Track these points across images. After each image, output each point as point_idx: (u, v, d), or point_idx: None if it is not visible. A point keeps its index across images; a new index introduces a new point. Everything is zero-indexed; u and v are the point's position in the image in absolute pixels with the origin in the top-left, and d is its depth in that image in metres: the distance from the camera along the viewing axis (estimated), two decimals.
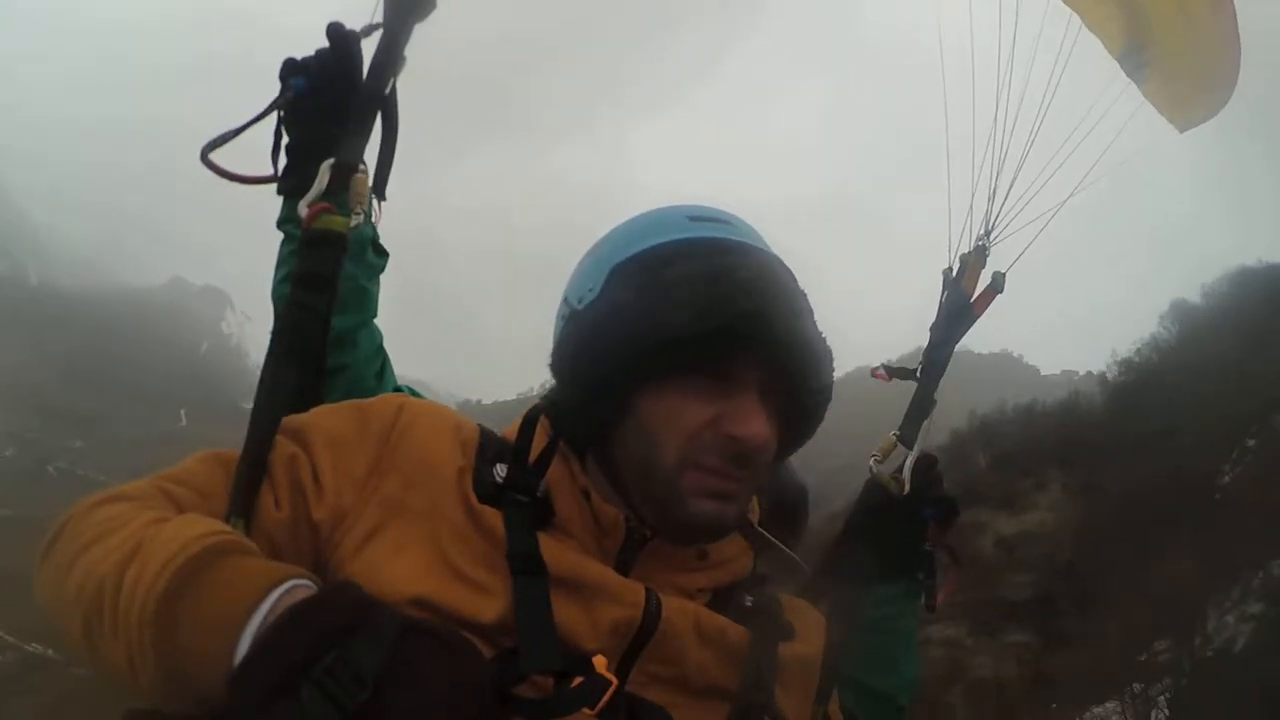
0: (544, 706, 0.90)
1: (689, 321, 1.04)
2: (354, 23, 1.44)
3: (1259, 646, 13.84)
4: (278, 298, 1.54)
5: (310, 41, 1.47)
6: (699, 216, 1.20)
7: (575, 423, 1.14)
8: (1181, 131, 2.37)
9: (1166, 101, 2.30)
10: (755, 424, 1.07)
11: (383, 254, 1.68)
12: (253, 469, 1.05)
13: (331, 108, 1.39)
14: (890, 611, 1.81)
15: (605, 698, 0.92)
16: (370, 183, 1.38)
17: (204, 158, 1.32)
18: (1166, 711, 14.32)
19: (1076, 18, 2.14)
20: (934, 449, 1.92)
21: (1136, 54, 2.25)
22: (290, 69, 1.43)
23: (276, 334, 1.23)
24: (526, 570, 1.02)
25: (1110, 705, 15.02)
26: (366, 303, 1.65)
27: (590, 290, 1.16)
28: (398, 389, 1.69)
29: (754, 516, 1.28)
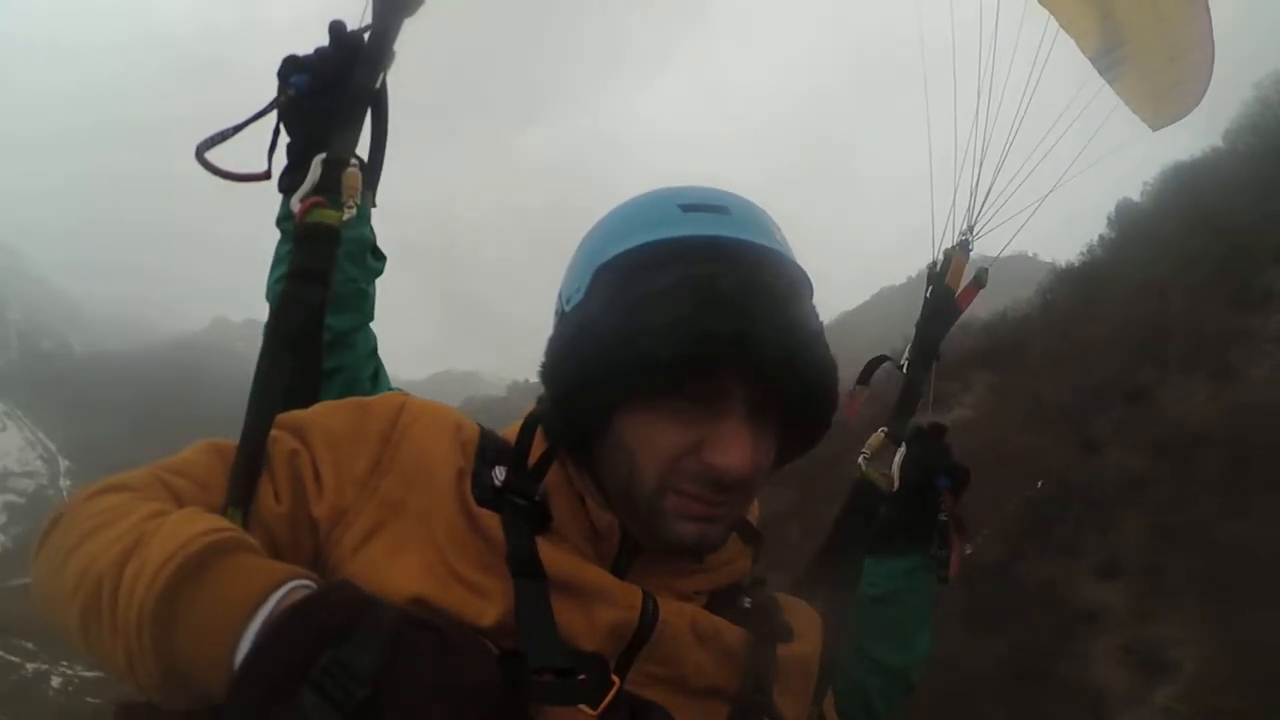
0: (549, 691, 0.91)
1: (665, 346, 0.99)
2: (347, 22, 1.45)
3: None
4: (274, 296, 1.52)
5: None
6: (692, 204, 1.12)
7: (559, 430, 1.11)
8: (1154, 129, 2.38)
9: (1139, 99, 2.33)
10: (735, 454, 1.02)
11: (381, 258, 1.70)
12: (250, 460, 1.04)
13: (334, 106, 1.39)
14: (905, 584, 1.79)
15: (609, 697, 0.93)
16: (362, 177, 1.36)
17: (199, 156, 1.32)
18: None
19: (1051, 18, 2.16)
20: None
21: (1109, 53, 2.26)
22: (291, 67, 1.44)
23: (272, 326, 1.22)
24: (526, 573, 1.01)
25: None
26: (365, 305, 1.67)
27: (577, 291, 1.13)
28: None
29: (754, 515, 1.25)
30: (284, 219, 1.58)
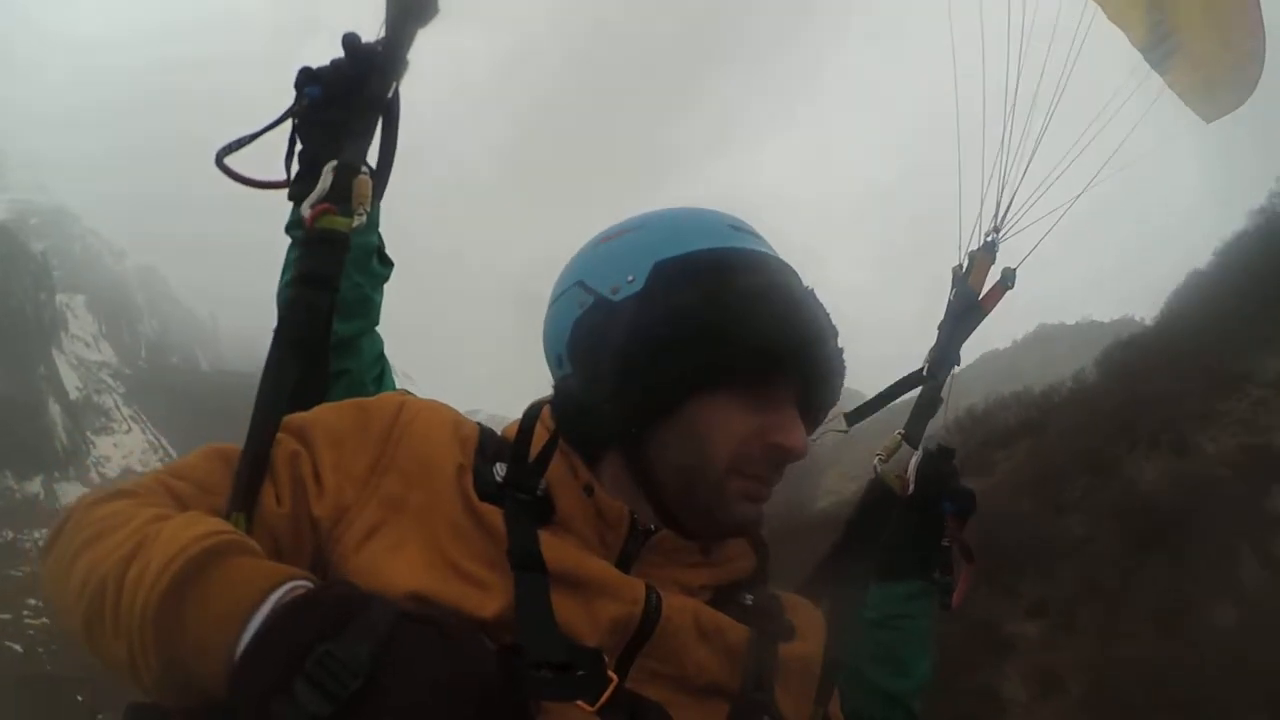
0: (546, 685, 0.91)
1: (776, 339, 1.08)
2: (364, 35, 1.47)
3: None
4: (282, 301, 1.53)
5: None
6: (739, 227, 1.20)
7: (602, 420, 1.11)
8: (1208, 122, 2.36)
9: (1192, 91, 2.27)
10: (798, 435, 1.12)
11: (387, 264, 1.74)
12: (254, 465, 1.05)
13: (345, 116, 1.41)
14: (904, 610, 1.75)
15: (607, 694, 0.94)
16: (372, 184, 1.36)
17: (219, 162, 1.37)
18: None
19: (1089, 12, 2.09)
20: (940, 437, 1.92)
21: (1160, 44, 2.22)
22: (306, 78, 1.47)
23: (279, 331, 1.21)
24: (527, 566, 1.02)
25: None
26: (371, 310, 1.72)
27: (629, 281, 1.14)
28: None
29: None
30: (294, 225, 1.61)
